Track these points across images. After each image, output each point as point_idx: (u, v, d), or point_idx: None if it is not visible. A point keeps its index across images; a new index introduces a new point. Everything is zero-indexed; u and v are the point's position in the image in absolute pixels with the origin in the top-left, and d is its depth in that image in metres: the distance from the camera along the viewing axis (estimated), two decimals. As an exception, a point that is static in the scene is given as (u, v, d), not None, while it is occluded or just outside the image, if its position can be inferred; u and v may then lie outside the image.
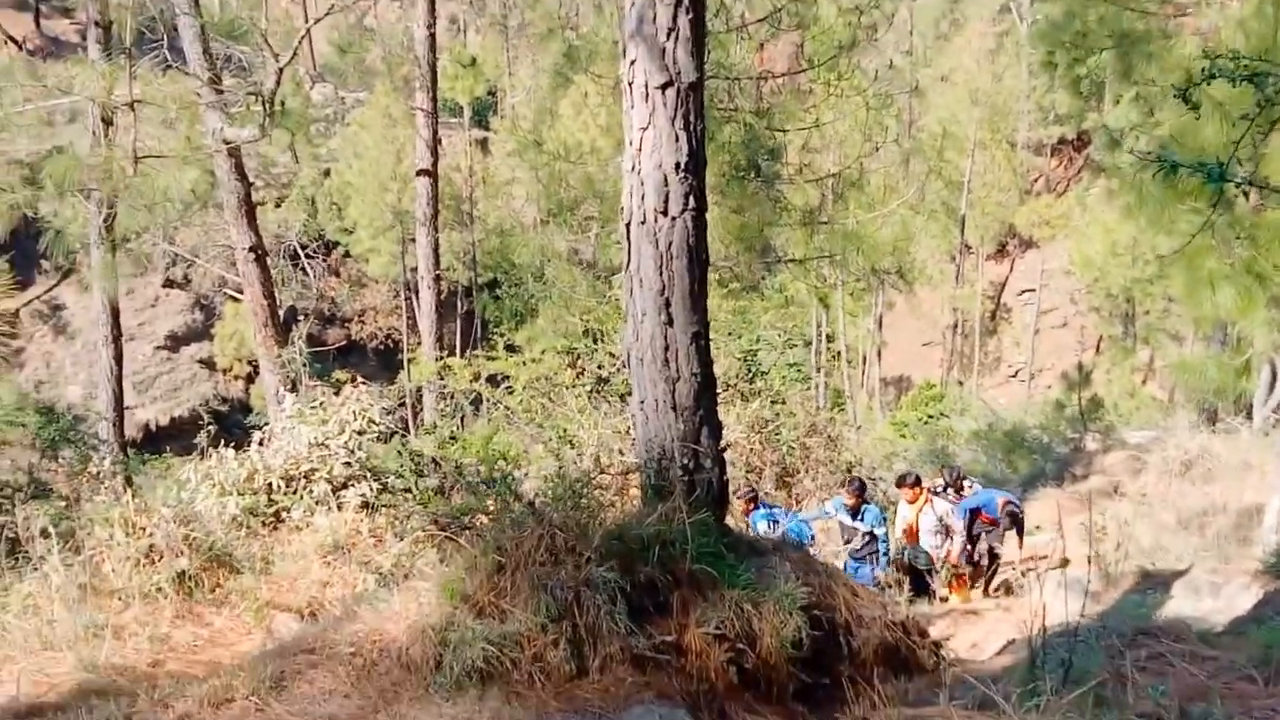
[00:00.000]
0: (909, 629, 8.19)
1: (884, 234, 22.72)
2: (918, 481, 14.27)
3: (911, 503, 14.13)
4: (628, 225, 7.15)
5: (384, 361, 44.31)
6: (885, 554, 13.57)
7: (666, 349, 7.13)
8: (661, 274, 7.03)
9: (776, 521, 13.23)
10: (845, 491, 13.41)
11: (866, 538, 13.40)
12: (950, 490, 15.19)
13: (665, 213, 6.96)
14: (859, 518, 13.28)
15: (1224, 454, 19.15)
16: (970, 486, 15.45)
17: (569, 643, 6.19)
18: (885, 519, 13.89)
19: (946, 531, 13.92)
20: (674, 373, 7.16)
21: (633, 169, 7.04)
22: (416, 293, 29.74)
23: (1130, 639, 4.62)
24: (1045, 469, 24.01)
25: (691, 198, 7.01)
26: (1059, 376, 40.16)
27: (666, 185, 6.94)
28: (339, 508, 9.34)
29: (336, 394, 10.47)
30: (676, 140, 6.91)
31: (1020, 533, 14.55)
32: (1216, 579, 10.55)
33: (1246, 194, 4.33)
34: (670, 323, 7.09)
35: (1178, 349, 35.82)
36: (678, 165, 6.93)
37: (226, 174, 16.22)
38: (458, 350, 31.12)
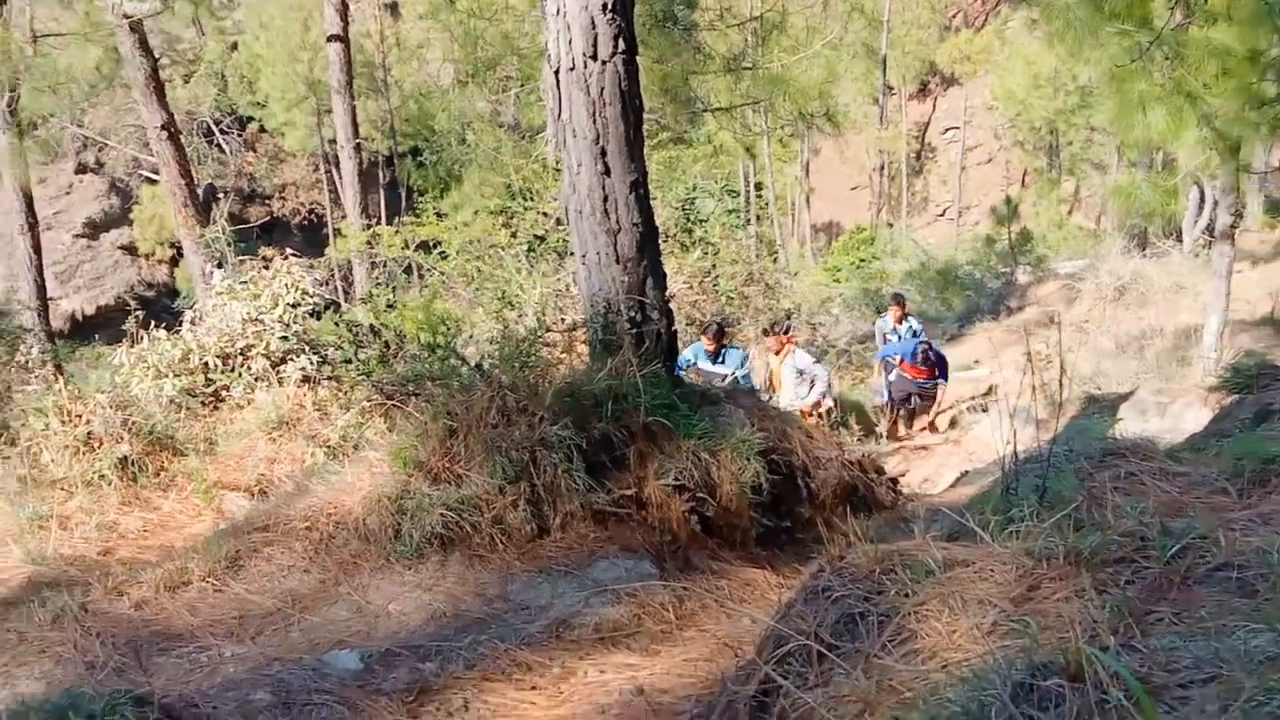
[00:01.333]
0: (865, 467, 8.22)
1: (809, 76, 22.40)
2: (781, 330, 14.05)
3: (775, 352, 13.89)
4: (556, 73, 6.90)
5: (309, 238, 43.51)
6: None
7: (605, 200, 6.94)
8: (595, 122, 6.80)
9: None
10: (705, 337, 12.91)
11: (729, 381, 13.03)
12: (893, 316, 15.28)
13: (595, 57, 6.71)
14: (719, 361, 12.83)
15: (1156, 278, 19.39)
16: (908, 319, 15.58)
17: (528, 503, 6.14)
18: (747, 359, 13.48)
19: (811, 383, 13.62)
20: (614, 224, 6.99)
21: (557, 12, 6.77)
22: (336, 164, 29.15)
23: (1099, 460, 4.57)
24: (980, 304, 24.26)
25: (621, 40, 6.77)
26: (987, 212, 40.50)
27: (594, 27, 6.68)
28: (280, 383, 9.16)
29: (266, 268, 10.21)
30: (603, -22, 6.65)
31: (943, 372, 14.59)
32: (1162, 399, 10.67)
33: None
34: (607, 172, 6.89)
35: (1102, 178, 36.08)
36: (605, 6, 6.66)
37: (131, 50, 15.66)
38: (383, 221, 30.64)
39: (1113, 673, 2.41)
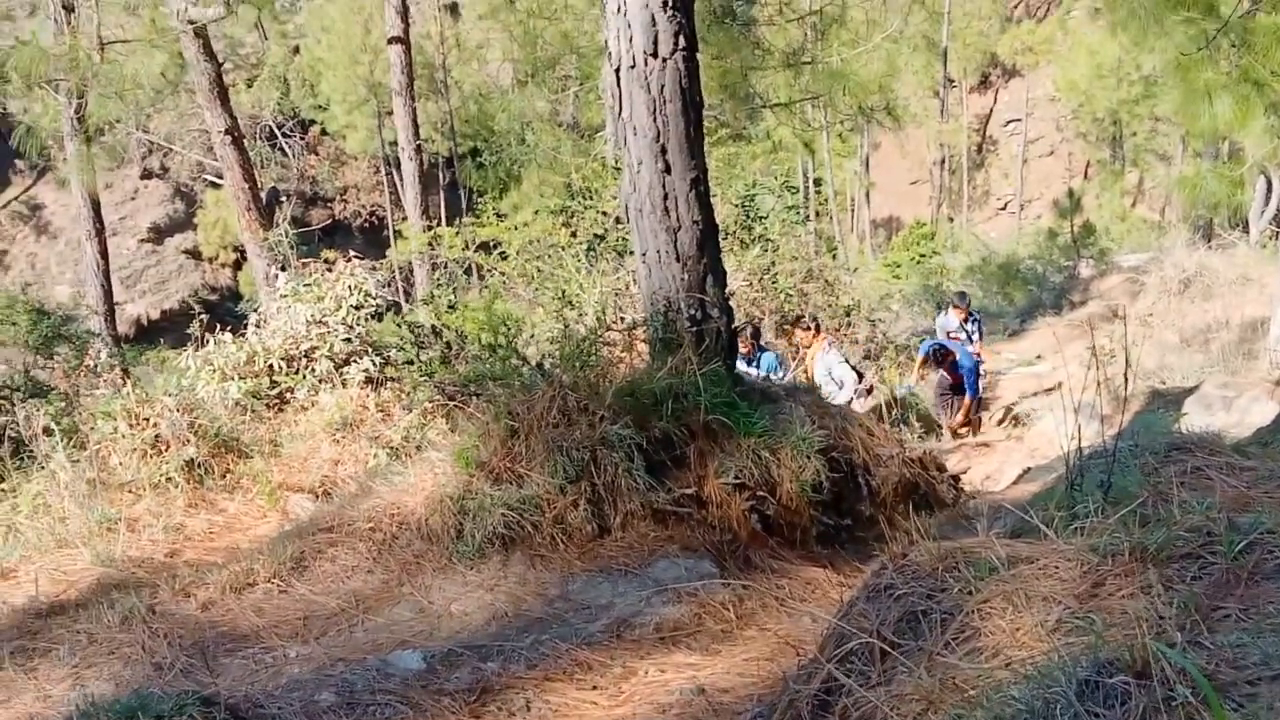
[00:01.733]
0: (926, 465, 8.15)
1: (869, 70, 22.29)
2: (812, 325, 13.50)
3: (806, 347, 13.35)
4: (617, 71, 6.90)
5: (370, 240, 43.78)
6: None
7: (665, 198, 6.93)
8: (655, 119, 6.80)
9: None
10: (739, 339, 12.42)
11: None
12: (957, 316, 15.03)
13: (655, 54, 6.71)
14: (754, 364, 12.47)
15: (1222, 269, 19.13)
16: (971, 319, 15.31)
17: (589, 502, 6.15)
18: (780, 364, 13.00)
19: (841, 384, 13.05)
20: (675, 222, 6.98)
21: (618, 10, 6.77)
22: (397, 166, 29.31)
23: (1164, 455, 4.51)
24: (1042, 298, 24.04)
25: (681, 37, 6.76)
26: (1049, 205, 40.14)
27: (655, 25, 6.68)
28: (343, 384, 9.22)
29: (329, 270, 10.29)
30: (663, -25, 6.64)
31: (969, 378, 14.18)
32: (1228, 393, 10.54)
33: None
34: (668, 170, 6.88)
35: (1166, 169, 35.69)
36: (665, 3, 6.66)
37: (195, 55, 15.83)
38: (443, 222, 30.80)
39: (1179, 669, 2.39)
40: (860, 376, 13.09)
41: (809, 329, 13.27)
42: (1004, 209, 51.59)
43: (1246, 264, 19.32)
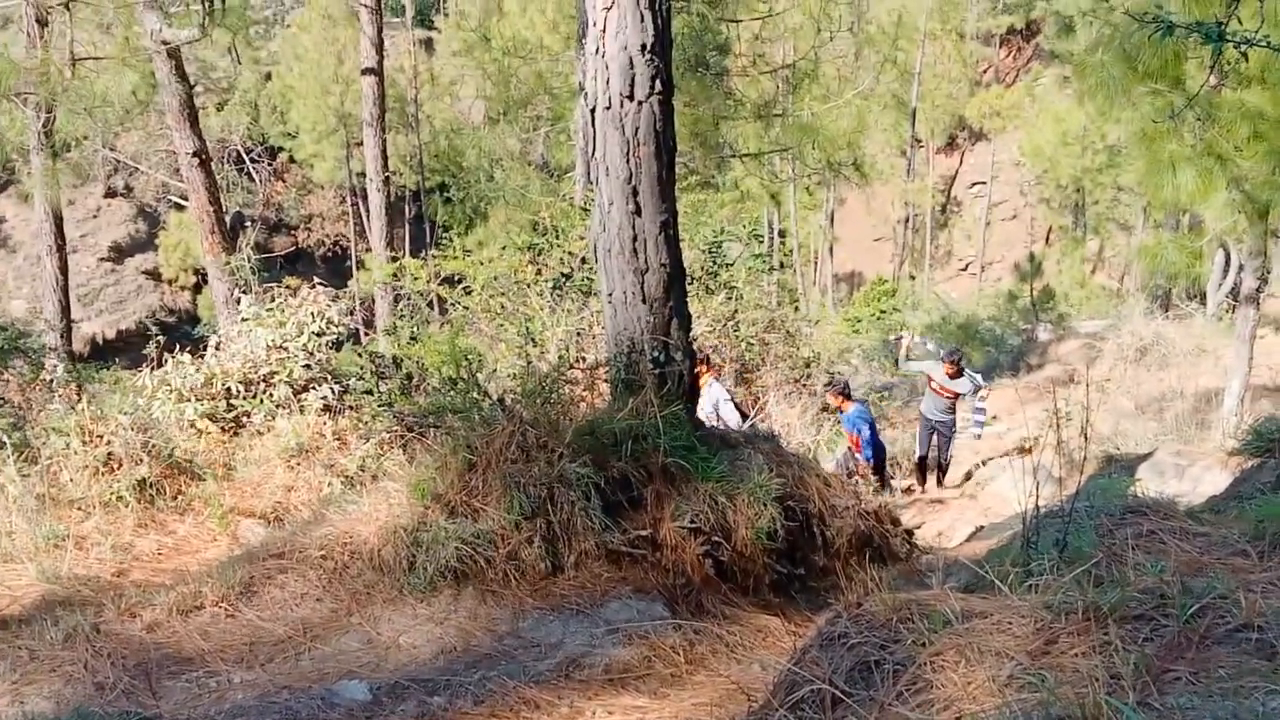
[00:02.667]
0: (881, 518, 8.17)
1: (839, 125, 22.49)
2: (701, 358, 12.75)
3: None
4: (592, 111, 6.92)
5: (333, 269, 43.66)
6: None
7: (635, 239, 6.94)
8: (629, 161, 6.81)
9: None
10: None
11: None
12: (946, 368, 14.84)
13: (631, 97, 6.73)
14: None
15: (1178, 340, 19.33)
16: (964, 374, 15.04)
17: (543, 540, 6.11)
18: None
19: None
20: (642, 263, 6.99)
21: (597, 51, 6.80)
22: (363, 197, 29.29)
23: (1119, 517, 4.56)
24: (1000, 360, 24.20)
25: (658, 81, 6.79)
26: (1010, 268, 40.48)
27: (632, 68, 6.70)
28: (301, 411, 9.17)
29: (293, 297, 10.24)
30: (642, 20, 6.66)
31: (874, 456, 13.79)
32: (1181, 462, 10.61)
33: (1245, 55, 4.18)
34: (638, 212, 6.89)
35: (1127, 238, 36.11)
36: (644, 46, 6.69)
37: (167, 76, 15.78)
38: (407, 255, 30.79)
39: (1130, 728, 2.40)
40: (745, 416, 12.65)
41: (699, 362, 12.49)
42: (965, 270, 52.04)
43: (1202, 336, 19.56)
